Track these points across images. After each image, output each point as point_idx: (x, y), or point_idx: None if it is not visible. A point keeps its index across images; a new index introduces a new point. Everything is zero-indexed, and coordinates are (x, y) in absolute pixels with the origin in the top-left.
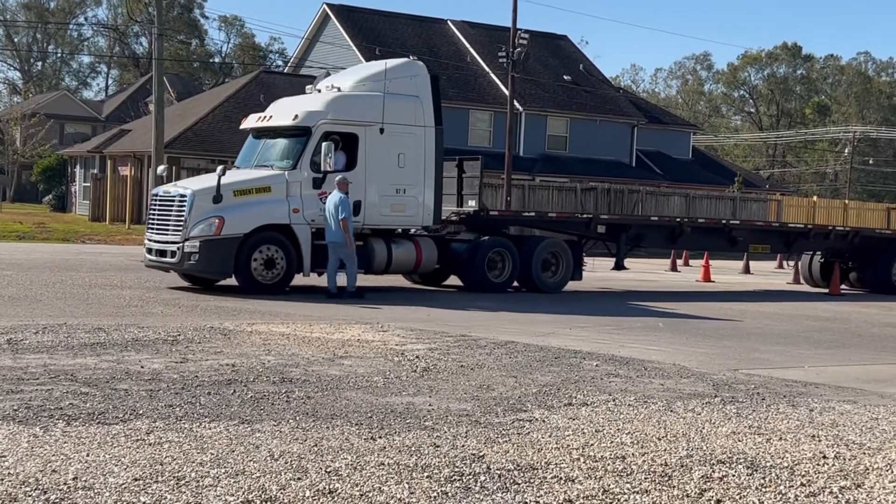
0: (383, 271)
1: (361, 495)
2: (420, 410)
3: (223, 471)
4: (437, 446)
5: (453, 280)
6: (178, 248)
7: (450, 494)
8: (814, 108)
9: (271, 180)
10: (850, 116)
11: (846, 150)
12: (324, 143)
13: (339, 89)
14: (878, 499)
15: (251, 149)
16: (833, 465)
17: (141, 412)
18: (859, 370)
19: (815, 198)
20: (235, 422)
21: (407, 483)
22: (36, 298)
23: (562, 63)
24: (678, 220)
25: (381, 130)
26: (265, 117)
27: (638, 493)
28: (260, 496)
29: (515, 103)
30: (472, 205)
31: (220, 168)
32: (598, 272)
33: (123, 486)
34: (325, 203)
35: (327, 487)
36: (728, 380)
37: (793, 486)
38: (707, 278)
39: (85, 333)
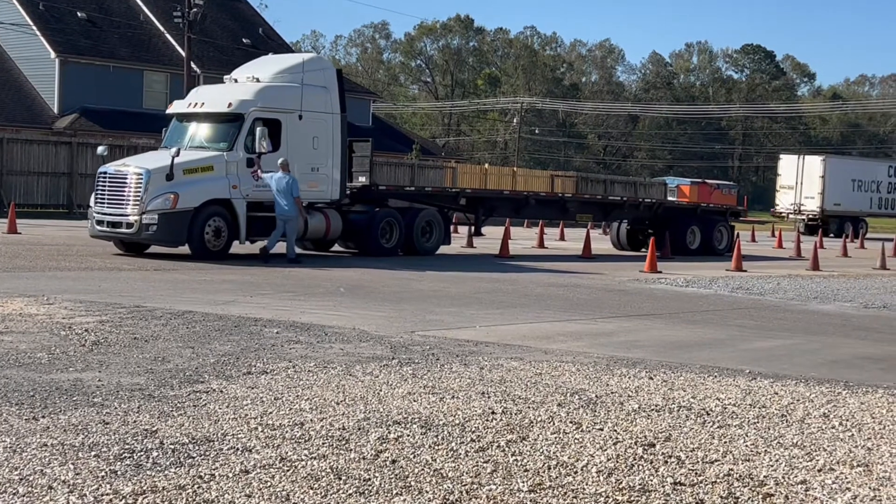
0: (300, 239)
1: (21, 479)
2: (88, 387)
3: None
4: (107, 423)
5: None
6: (136, 221)
7: (119, 473)
8: (485, 79)
9: (213, 160)
10: (518, 88)
11: (514, 120)
12: (258, 128)
13: (258, 79)
14: (541, 449)
15: (179, 131)
16: (501, 420)
17: None
18: (526, 328)
19: (486, 165)
20: None
21: (72, 464)
22: None
23: (241, 26)
24: (524, 193)
25: (300, 117)
26: (196, 104)
27: (315, 458)
28: None
29: (193, 65)
30: (361, 180)
31: (173, 150)
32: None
33: None
34: (256, 180)
35: None
36: (405, 342)
37: (463, 443)
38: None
39: None
